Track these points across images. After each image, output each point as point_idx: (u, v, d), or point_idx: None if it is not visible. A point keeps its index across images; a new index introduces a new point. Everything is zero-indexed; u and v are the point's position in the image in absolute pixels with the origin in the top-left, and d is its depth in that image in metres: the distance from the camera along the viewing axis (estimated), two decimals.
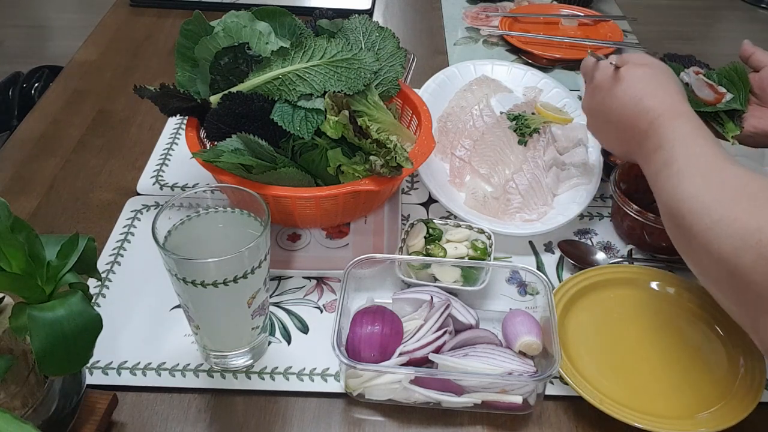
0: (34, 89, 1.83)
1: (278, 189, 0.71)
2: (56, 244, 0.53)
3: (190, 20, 0.79)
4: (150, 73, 1.16)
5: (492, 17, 1.34)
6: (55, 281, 0.52)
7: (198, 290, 0.58)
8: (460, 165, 0.89)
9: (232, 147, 0.71)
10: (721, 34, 2.99)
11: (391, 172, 0.70)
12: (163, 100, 0.76)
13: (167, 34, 1.27)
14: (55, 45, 2.80)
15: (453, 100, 0.98)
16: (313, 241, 0.81)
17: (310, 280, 0.77)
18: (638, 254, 0.83)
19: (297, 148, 0.77)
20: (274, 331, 0.71)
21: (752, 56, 0.82)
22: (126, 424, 0.63)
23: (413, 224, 0.79)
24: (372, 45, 0.83)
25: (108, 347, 0.68)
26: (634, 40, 1.28)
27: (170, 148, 0.97)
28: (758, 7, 3.15)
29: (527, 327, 0.67)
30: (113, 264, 0.78)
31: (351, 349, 0.65)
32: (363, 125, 0.75)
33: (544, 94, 1.01)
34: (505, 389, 0.63)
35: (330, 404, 0.65)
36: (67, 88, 1.11)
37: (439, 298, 0.69)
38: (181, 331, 0.70)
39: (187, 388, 0.66)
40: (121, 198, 0.88)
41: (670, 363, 0.68)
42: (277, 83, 0.75)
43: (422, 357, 0.64)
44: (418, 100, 0.85)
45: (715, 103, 0.81)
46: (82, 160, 0.95)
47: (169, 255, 0.56)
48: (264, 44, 0.79)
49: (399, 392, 0.64)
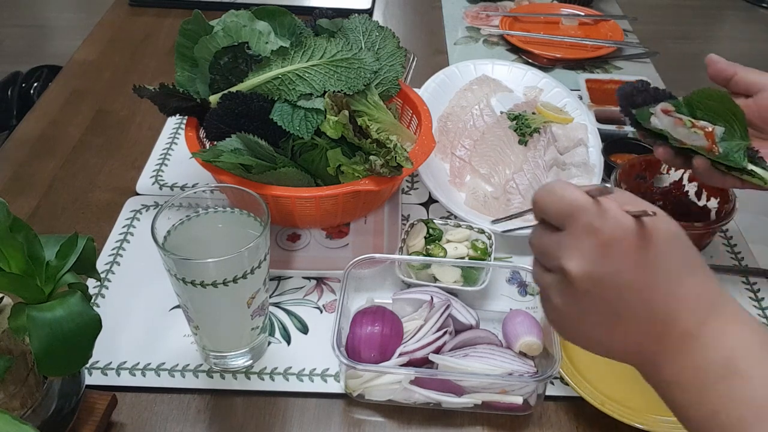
0: (33, 89, 1.83)
1: (278, 189, 0.71)
2: (55, 244, 0.53)
3: (190, 20, 0.79)
4: (149, 72, 1.16)
5: (492, 17, 1.34)
6: (54, 281, 0.52)
7: (197, 290, 0.58)
8: (460, 165, 0.89)
9: (231, 147, 0.71)
10: (721, 33, 2.99)
11: (391, 172, 0.70)
12: (163, 100, 0.76)
13: (166, 34, 1.27)
14: (55, 45, 2.80)
15: (453, 100, 0.98)
16: (313, 241, 0.81)
17: (309, 281, 0.77)
18: None
19: (297, 147, 0.77)
20: (274, 332, 0.71)
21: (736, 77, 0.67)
22: (125, 424, 0.63)
23: (413, 224, 0.79)
24: (372, 45, 0.83)
25: (107, 347, 0.68)
26: (635, 40, 1.28)
27: (170, 148, 0.97)
28: (759, 6, 3.15)
29: (527, 327, 0.67)
30: (112, 264, 0.78)
31: (351, 349, 0.65)
32: (363, 125, 0.75)
33: (544, 94, 1.00)
34: (506, 390, 0.63)
35: (330, 405, 0.65)
36: (66, 88, 1.11)
37: (440, 298, 0.69)
38: (181, 331, 0.70)
39: (187, 388, 0.66)
40: (120, 198, 0.88)
41: None
42: (277, 83, 0.75)
43: (422, 357, 0.64)
44: (418, 100, 0.85)
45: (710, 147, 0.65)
46: (81, 160, 0.95)
47: (169, 255, 0.56)
48: (264, 44, 0.78)
49: (399, 393, 0.63)
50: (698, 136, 0.65)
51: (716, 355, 0.42)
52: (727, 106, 0.64)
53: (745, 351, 0.42)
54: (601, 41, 1.25)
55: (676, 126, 0.66)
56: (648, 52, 1.24)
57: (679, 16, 3.00)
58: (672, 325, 0.43)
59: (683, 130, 0.65)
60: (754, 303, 0.77)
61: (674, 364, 0.44)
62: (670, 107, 0.68)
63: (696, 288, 0.44)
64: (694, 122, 0.65)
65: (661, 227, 0.44)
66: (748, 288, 0.79)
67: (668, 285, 0.43)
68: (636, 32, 1.32)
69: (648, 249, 0.43)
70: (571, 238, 0.45)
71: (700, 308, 0.43)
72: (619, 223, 0.44)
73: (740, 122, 0.65)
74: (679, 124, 0.65)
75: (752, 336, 0.42)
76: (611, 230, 0.43)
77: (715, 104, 0.65)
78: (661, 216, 0.45)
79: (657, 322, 0.44)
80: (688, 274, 0.44)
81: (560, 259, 0.45)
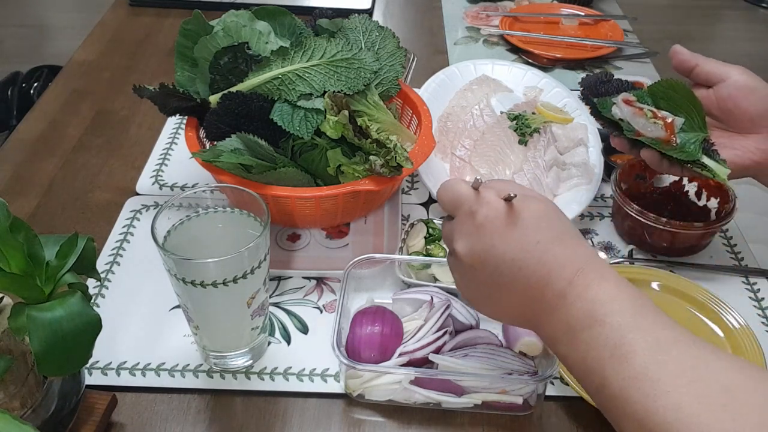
0: (33, 89, 1.83)
1: (278, 189, 0.70)
2: (55, 244, 0.53)
3: (190, 20, 0.79)
4: (149, 72, 1.16)
5: (492, 17, 1.34)
6: (54, 281, 0.52)
7: (197, 290, 0.58)
8: (460, 165, 0.89)
9: (231, 147, 0.71)
10: (721, 33, 2.99)
11: (391, 172, 0.70)
12: (163, 100, 0.76)
13: (166, 34, 1.27)
14: (54, 45, 2.80)
15: (453, 100, 0.98)
16: (313, 242, 0.81)
17: (309, 281, 0.77)
18: (639, 254, 0.82)
19: (297, 148, 0.77)
20: (274, 332, 0.71)
21: (697, 68, 0.67)
22: (125, 424, 0.63)
23: (413, 224, 0.79)
24: (372, 45, 0.83)
25: (107, 347, 0.68)
26: (635, 40, 1.28)
27: (170, 148, 0.97)
28: (759, 6, 3.14)
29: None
30: (112, 264, 0.78)
31: (351, 349, 0.65)
32: (363, 125, 0.75)
33: (544, 94, 1.00)
34: (506, 390, 0.63)
35: (330, 405, 0.65)
36: (66, 88, 1.11)
37: (440, 298, 0.69)
38: (181, 331, 0.70)
39: (187, 388, 0.66)
40: (120, 198, 0.88)
41: None
42: (277, 83, 0.75)
43: (422, 357, 0.64)
44: (418, 100, 0.85)
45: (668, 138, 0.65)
46: (81, 160, 0.95)
47: (169, 255, 0.56)
48: (264, 44, 0.78)
49: (399, 393, 0.63)
50: (657, 126, 0.66)
51: (580, 308, 0.47)
52: (687, 97, 0.65)
53: (605, 302, 0.47)
54: (601, 41, 1.25)
55: (635, 116, 0.67)
56: (648, 52, 1.24)
57: (679, 16, 2.99)
58: (545, 289, 0.49)
59: (642, 120, 0.66)
60: (754, 303, 0.77)
61: (550, 322, 0.49)
62: (632, 98, 0.69)
63: (564, 255, 0.49)
64: (655, 112, 0.66)
65: (529, 206, 0.51)
66: (748, 288, 0.79)
67: (538, 254, 0.49)
68: (636, 32, 1.32)
69: (516, 225, 0.50)
70: (458, 223, 0.53)
71: (568, 272, 0.48)
72: (491, 207, 0.51)
73: (698, 113, 0.66)
74: (639, 114, 0.66)
75: (615, 290, 0.47)
76: (485, 212, 0.51)
77: (676, 95, 0.66)
78: (529, 197, 0.52)
79: (532, 288, 0.50)
80: (557, 244, 0.50)
81: (452, 242, 0.54)
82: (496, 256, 0.50)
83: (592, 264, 0.49)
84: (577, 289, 0.48)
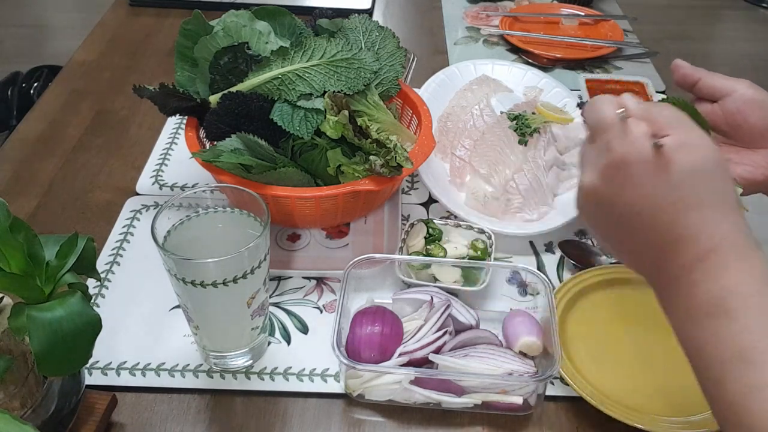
0: (33, 89, 1.84)
1: (278, 189, 0.70)
2: (55, 244, 0.53)
3: (190, 20, 0.79)
4: (149, 72, 1.16)
5: (492, 17, 1.34)
6: (54, 281, 0.52)
7: (197, 290, 0.58)
8: (460, 165, 0.89)
9: (231, 147, 0.71)
10: (721, 33, 2.99)
11: (391, 172, 0.70)
12: (163, 100, 0.76)
13: (166, 34, 1.27)
14: (54, 45, 2.80)
15: (453, 100, 0.98)
16: (313, 242, 0.81)
17: (309, 281, 0.77)
18: None
19: (297, 148, 0.77)
20: (274, 332, 0.71)
21: (700, 82, 0.65)
22: (125, 424, 0.63)
23: (413, 224, 0.79)
24: (372, 45, 0.83)
25: (107, 347, 0.68)
26: (635, 40, 1.28)
27: (170, 148, 0.97)
28: (759, 6, 3.14)
29: (528, 327, 0.67)
30: (112, 264, 0.78)
31: (351, 349, 0.65)
32: (363, 125, 0.75)
33: (544, 94, 1.00)
34: (506, 390, 0.63)
35: (330, 405, 0.65)
36: (66, 88, 1.11)
37: (440, 298, 0.69)
38: (181, 331, 0.70)
39: (187, 388, 0.66)
40: (120, 198, 0.88)
41: (671, 363, 0.68)
42: (277, 83, 0.75)
43: (422, 357, 0.64)
44: (418, 100, 0.85)
45: None
46: (81, 160, 0.95)
47: (169, 255, 0.56)
48: (264, 44, 0.78)
49: (399, 393, 0.63)
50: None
51: (707, 292, 0.42)
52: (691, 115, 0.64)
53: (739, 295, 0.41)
54: (601, 41, 1.25)
55: None
56: (648, 52, 1.24)
57: (679, 16, 2.99)
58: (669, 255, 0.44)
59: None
60: None
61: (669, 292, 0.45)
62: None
63: (700, 226, 0.43)
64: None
65: (680, 159, 0.43)
66: None
67: (671, 216, 0.43)
68: (636, 32, 1.32)
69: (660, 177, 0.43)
70: (591, 152, 0.47)
71: (700, 247, 0.43)
72: (634, 148, 0.44)
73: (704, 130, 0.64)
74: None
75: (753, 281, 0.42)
76: (624, 153, 0.44)
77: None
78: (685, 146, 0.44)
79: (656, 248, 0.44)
80: (696, 210, 0.43)
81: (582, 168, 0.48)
82: (621, 205, 0.45)
83: (731, 243, 0.43)
84: (708, 270, 0.42)
